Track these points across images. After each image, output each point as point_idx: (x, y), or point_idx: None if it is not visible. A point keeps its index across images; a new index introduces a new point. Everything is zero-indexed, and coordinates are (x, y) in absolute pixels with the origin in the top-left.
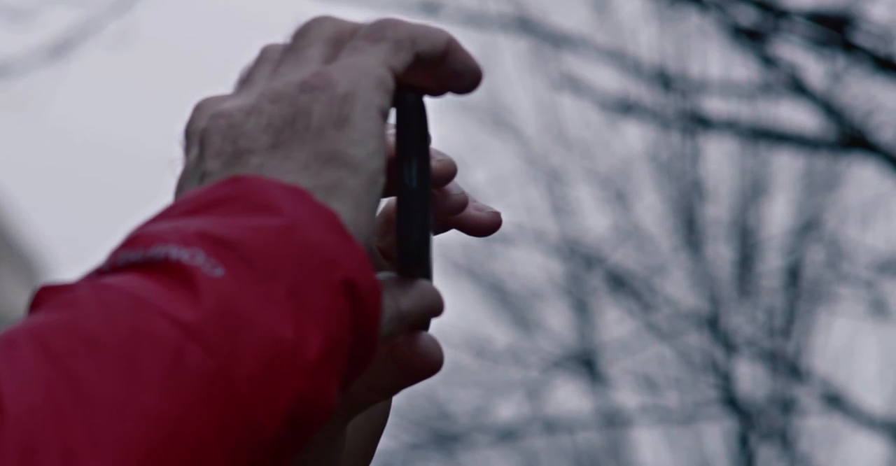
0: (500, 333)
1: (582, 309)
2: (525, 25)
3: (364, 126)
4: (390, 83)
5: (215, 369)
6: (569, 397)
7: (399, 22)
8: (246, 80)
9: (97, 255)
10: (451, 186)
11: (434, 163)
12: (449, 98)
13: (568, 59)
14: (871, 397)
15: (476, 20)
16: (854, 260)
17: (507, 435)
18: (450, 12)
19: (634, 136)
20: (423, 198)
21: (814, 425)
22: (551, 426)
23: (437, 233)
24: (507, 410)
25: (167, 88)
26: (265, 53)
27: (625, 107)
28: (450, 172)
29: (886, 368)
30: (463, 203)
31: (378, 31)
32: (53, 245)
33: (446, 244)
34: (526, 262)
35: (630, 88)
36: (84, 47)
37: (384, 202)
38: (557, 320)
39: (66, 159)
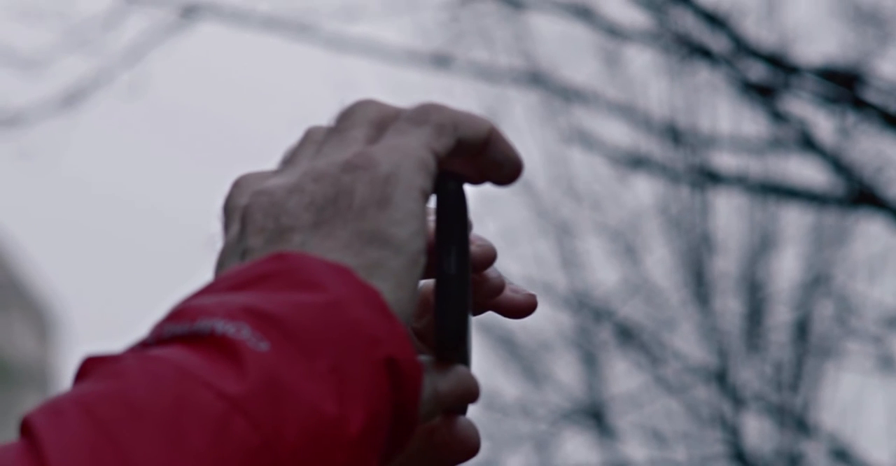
0: (508, 385)
1: (591, 361)
2: (536, 79)
3: (406, 206)
4: (432, 166)
5: (260, 442)
6: (577, 450)
7: (443, 107)
8: (289, 160)
9: (106, 307)
10: (489, 271)
11: (474, 248)
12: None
13: (578, 112)
14: (879, 452)
15: (487, 73)
16: (862, 314)
17: None
18: (461, 65)
19: (644, 190)
20: (462, 284)
21: None
22: None
23: (474, 315)
24: (516, 463)
25: (177, 143)
26: (309, 134)
27: (635, 161)
28: (489, 258)
29: (894, 423)
30: (500, 287)
31: (422, 115)
32: (63, 294)
33: None
34: (535, 315)
35: (640, 142)
36: (96, 97)
37: (421, 284)
38: (566, 373)
39: (76, 210)
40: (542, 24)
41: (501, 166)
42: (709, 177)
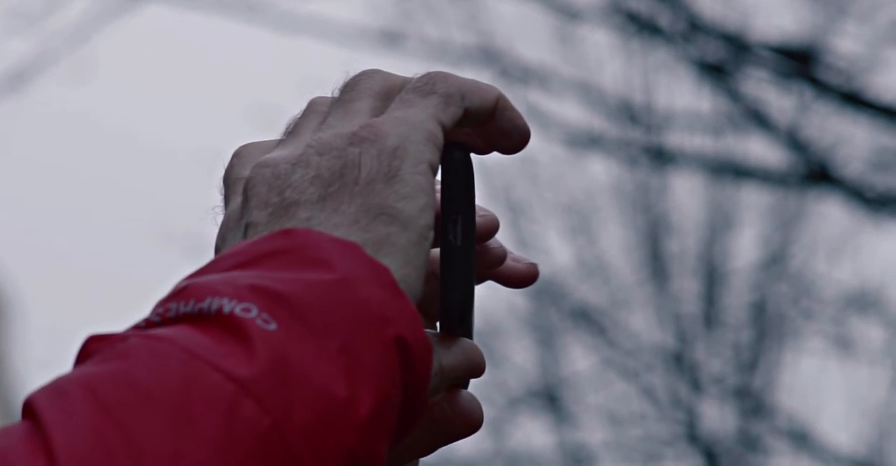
0: None
1: (546, 344)
2: (489, 58)
3: (414, 181)
4: (440, 137)
5: (269, 424)
6: (532, 433)
7: (449, 76)
8: (292, 132)
9: (63, 295)
10: (490, 241)
11: (477, 219)
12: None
13: (533, 92)
14: (838, 434)
15: (440, 52)
16: (820, 295)
17: None
18: (413, 44)
19: (600, 170)
20: (467, 255)
21: (780, 462)
22: (514, 462)
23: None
24: (470, 446)
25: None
26: (312, 105)
27: (590, 141)
28: (492, 228)
29: (853, 405)
30: (502, 257)
31: (428, 85)
32: (16, 276)
33: None
34: (489, 297)
35: (595, 122)
36: (39, 80)
37: None
38: (521, 355)
39: (26, 192)
40: (495, 3)
41: (509, 134)
42: (665, 157)
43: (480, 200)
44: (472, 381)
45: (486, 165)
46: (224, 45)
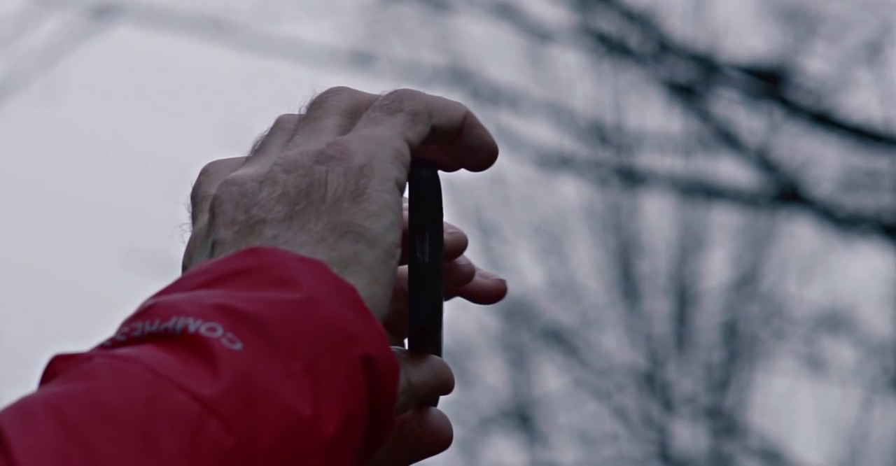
0: None
1: (518, 364)
2: (460, 78)
3: (380, 199)
4: (407, 155)
5: (234, 444)
6: (504, 453)
7: (416, 93)
8: (259, 149)
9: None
10: (459, 258)
11: (445, 236)
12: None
13: (503, 113)
14: (810, 454)
15: (410, 73)
16: (791, 315)
17: None
18: (383, 65)
19: (571, 191)
20: (436, 273)
21: None
22: None
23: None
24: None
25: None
26: (279, 123)
27: (560, 162)
28: (461, 246)
29: (824, 425)
30: (470, 274)
31: (395, 103)
32: None
33: None
34: (461, 317)
35: (565, 142)
36: (8, 102)
37: None
38: (493, 375)
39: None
40: (465, 24)
41: (477, 151)
42: (635, 178)
43: (451, 220)
44: (444, 400)
45: (457, 185)
46: (194, 66)
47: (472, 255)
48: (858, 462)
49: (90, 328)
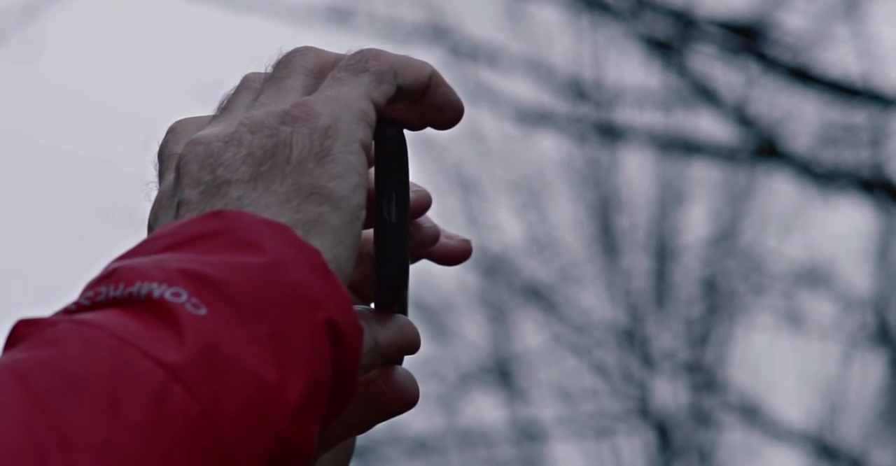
0: None
1: (497, 320)
2: (439, 34)
3: (345, 160)
4: (372, 116)
5: (199, 411)
6: (484, 409)
7: (382, 53)
8: (225, 108)
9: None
10: (423, 219)
11: (410, 195)
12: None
13: (483, 69)
14: (790, 409)
15: (388, 29)
16: (770, 270)
17: (421, 448)
18: (362, 21)
19: (550, 146)
20: (402, 232)
21: (732, 438)
22: (466, 438)
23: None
24: (421, 423)
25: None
26: (246, 81)
27: (539, 118)
28: (425, 205)
29: (804, 380)
30: (436, 236)
31: (360, 63)
32: None
33: None
34: (440, 273)
35: (544, 98)
36: None
37: None
38: (472, 331)
39: None
40: None
41: (442, 110)
42: (614, 133)
43: (430, 177)
44: (423, 356)
45: (436, 142)
46: (172, 22)
47: (451, 212)
48: (837, 417)
49: (63, 283)
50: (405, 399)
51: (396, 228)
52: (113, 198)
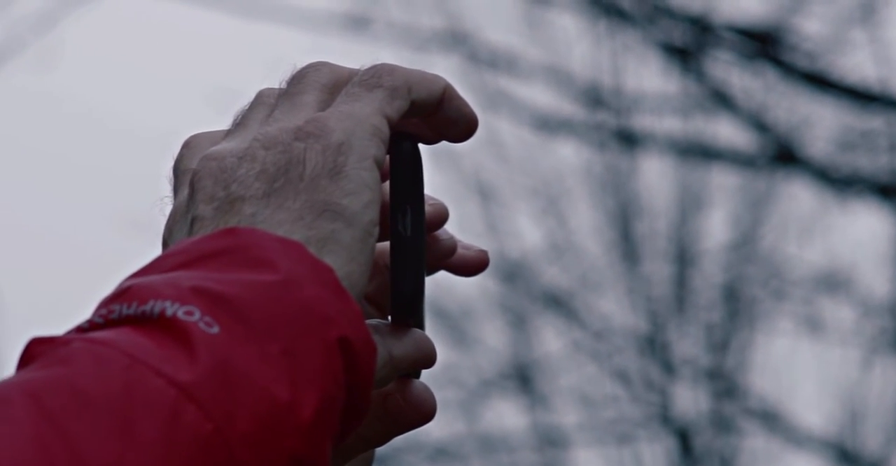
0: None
1: (518, 326)
2: (457, 41)
3: (358, 177)
4: (385, 132)
5: (211, 430)
6: (505, 415)
7: (395, 68)
8: (239, 123)
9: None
10: (440, 231)
11: (426, 209)
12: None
13: (501, 75)
14: (810, 415)
15: (407, 36)
16: (790, 276)
17: (442, 455)
18: (380, 28)
19: (569, 153)
20: (417, 246)
21: (752, 444)
22: (486, 444)
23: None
24: (441, 429)
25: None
26: (260, 97)
27: (558, 124)
28: (442, 218)
29: (824, 386)
30: (452, 248)
31: (374, 78)
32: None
33: None
34: (460, 280)
35: (563, 105)
36: (7, 66)
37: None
38: (493, 337)
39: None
40: None
41: (456, 123)
42: (633, 139)
43: (450, 184)
44: (442, 364)
45: (455, 149)
46: (189, 30)
47: (471, 218)
48: (858, 423)
49: (84, 293)
50: (423, 412)
51: (412, 242)
52: (132, 207)
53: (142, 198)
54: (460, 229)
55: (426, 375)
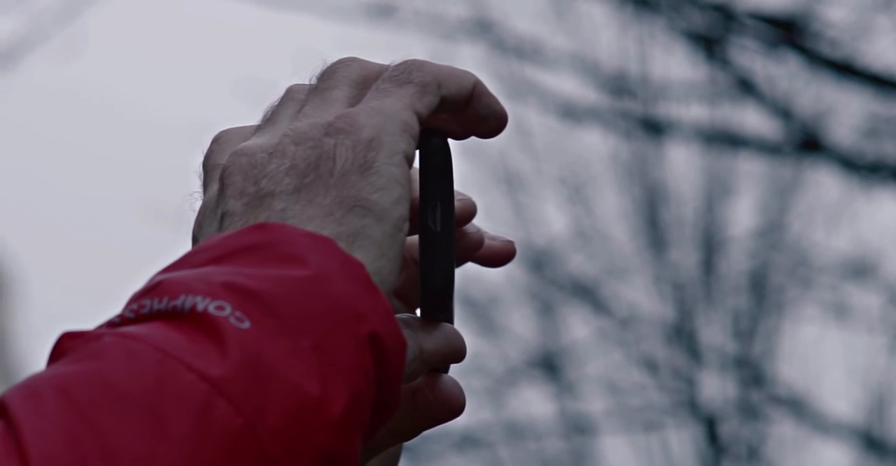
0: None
1: (545, 313)
2: (483, 29)
3: (388, 172)
4: (415, 128)
5: (242, 425)
6: (532, 402)
7: (425, 64)
8: (269, 119)
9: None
10: (468, 225)
11: (455, 204)
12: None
13: (527, 63)
14: (837, 402)
15: (433, 24)
16: (817, 263)
17: (469, 442)
18: (405, 16)
19: (595, 140)
20: (447, 241)
21: (779, 431)
22: (514, 431)
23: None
24: (469, 416)
25: (118, 95)
26: (290, 93)
27: (585, 113)
28: (470, 213)
29: (851, 373)
30: (480, 242)
31: (404, 74)
32: (19, 255)
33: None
34: (488, 269)
35: (590, 93)
36: (29, 58)
37: None
38: (520, 325)
39: (21, 164)
40: None
41: (486, 119)
42: (660, 127)
43: (477, 173)
44: (470, 352)
45: (481, 139)
46: (214, 20)
47: (498, 207)
48: (885, 409)
49: (116, 282)
50: (451, 407)
51: (441, 237)
52: (157, 198)
53: (167, 189)
54: (487, 218)
55: (455, 366)
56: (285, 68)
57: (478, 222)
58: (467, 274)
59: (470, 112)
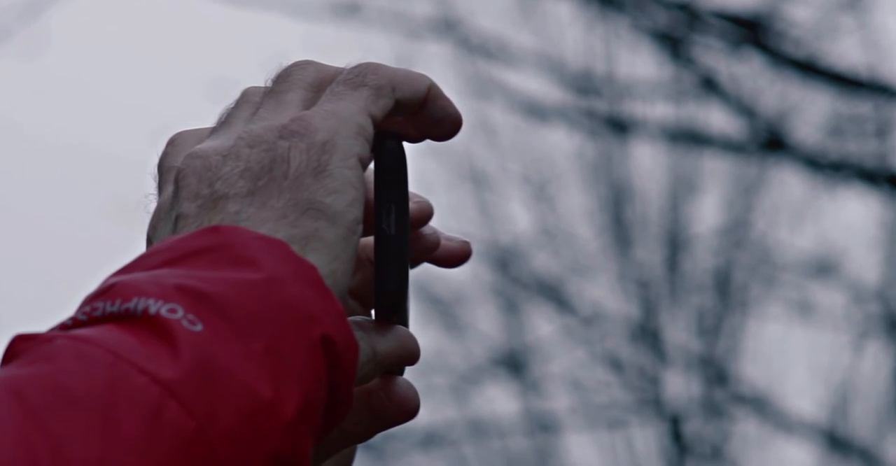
0: (426, 337)
1: (510, 311)
2: (449, 27)
3: (342, 175)
4: (370, 130)
5: (194, 427)
6: (497, 400)
7: (380, 67)
8: (224, 121)
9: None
10: (424, 227)
11: (410, 206)
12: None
13: (493, 61)
14: (801, 401)
15: (398, 22)
16: (781, 261)
17: (433, 440)
18: (371, 14)
19: (560, 139)
20: (401, 243)
21: (743, 429)
22: (478, 429)
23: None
24: (432, 414)
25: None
26: (245, 95)
27: (549, 111)
28: (426, 215)
29: (815, 372)
30: (436, 243)
31: (359, 77)
32: None
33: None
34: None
35: (555, 92)
36: None
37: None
38: (485, 323)
39: None
40: None
41: (441, 122)
42: (625, 126)
43: (441, 170)
44: (434, 349)
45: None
46: (179, 17)
47: (463, 204)
48: (849, 408)
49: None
50: (405, 409)
51: (396, 240)
52: (119, 194)
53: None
54: (452, 216)
55: (418, 364)
56: (250, 67)
57: (443, 220)
58: (432, 272)
59: (425, 115)
